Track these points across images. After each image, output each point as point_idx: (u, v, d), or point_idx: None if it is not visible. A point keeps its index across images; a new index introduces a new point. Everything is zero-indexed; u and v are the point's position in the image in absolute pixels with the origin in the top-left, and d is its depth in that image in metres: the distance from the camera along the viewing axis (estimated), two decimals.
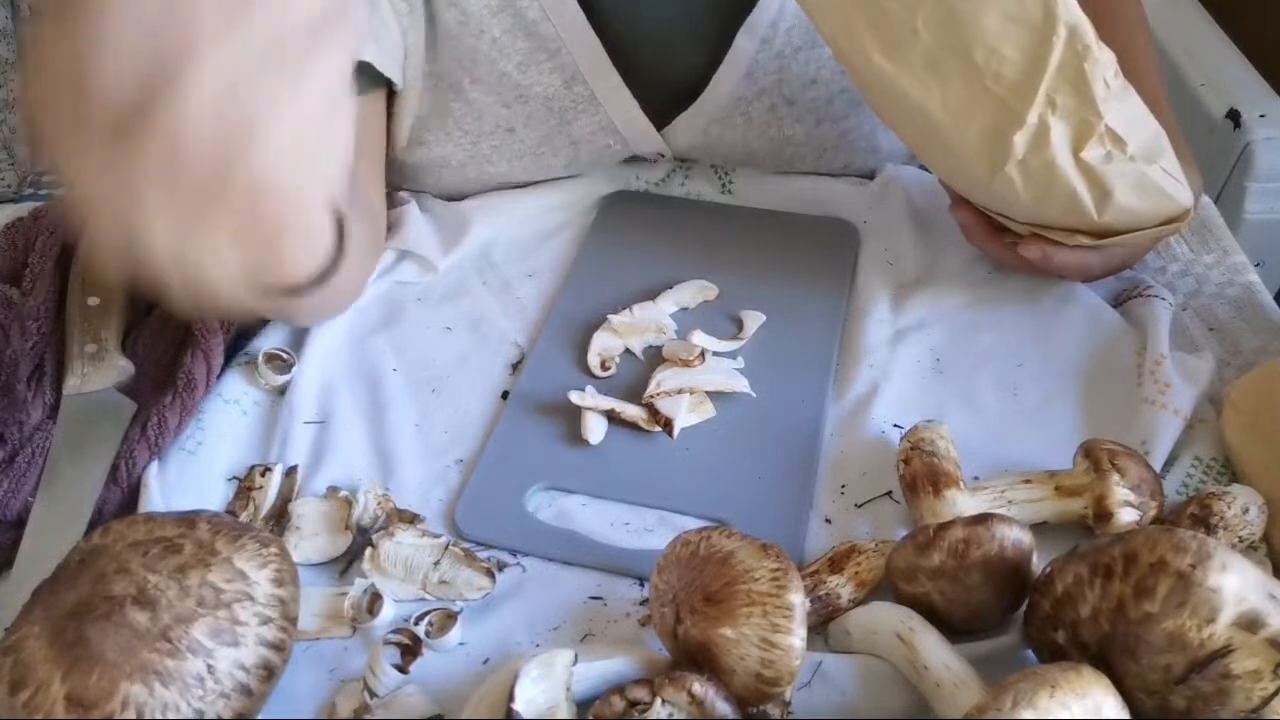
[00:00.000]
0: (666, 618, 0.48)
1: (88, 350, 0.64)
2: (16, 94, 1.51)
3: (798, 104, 0.76)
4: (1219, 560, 0.41)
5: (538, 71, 0.73)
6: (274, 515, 0.58)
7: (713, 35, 0.73)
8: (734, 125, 0.77)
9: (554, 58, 0.72)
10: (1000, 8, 0.56)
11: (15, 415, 0.61)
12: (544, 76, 0.73)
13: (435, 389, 0.67)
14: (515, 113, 0.75)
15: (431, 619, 0.53)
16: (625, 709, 0.45)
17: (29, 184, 1.52)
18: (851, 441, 0.62)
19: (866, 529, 0.57)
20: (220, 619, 0.47)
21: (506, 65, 0.72)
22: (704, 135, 0.78)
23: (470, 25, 0.70)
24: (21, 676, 0.44)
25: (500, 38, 0.71)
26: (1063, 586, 0.45)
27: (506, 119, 0.75)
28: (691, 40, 0.74)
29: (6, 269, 0.70)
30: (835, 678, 0.49)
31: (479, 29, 0.70)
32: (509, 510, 0.58)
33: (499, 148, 0.77)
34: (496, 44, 0.71)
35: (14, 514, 0.57)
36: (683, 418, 0.62)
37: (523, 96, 0.74)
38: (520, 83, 0.73)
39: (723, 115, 0.76)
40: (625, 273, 0.73)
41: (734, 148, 0.79)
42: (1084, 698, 0.40)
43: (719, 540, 0.48)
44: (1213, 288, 0.72)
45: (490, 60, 0.72)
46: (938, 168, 0.68)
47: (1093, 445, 0.55)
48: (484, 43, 0.71)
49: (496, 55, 0.72)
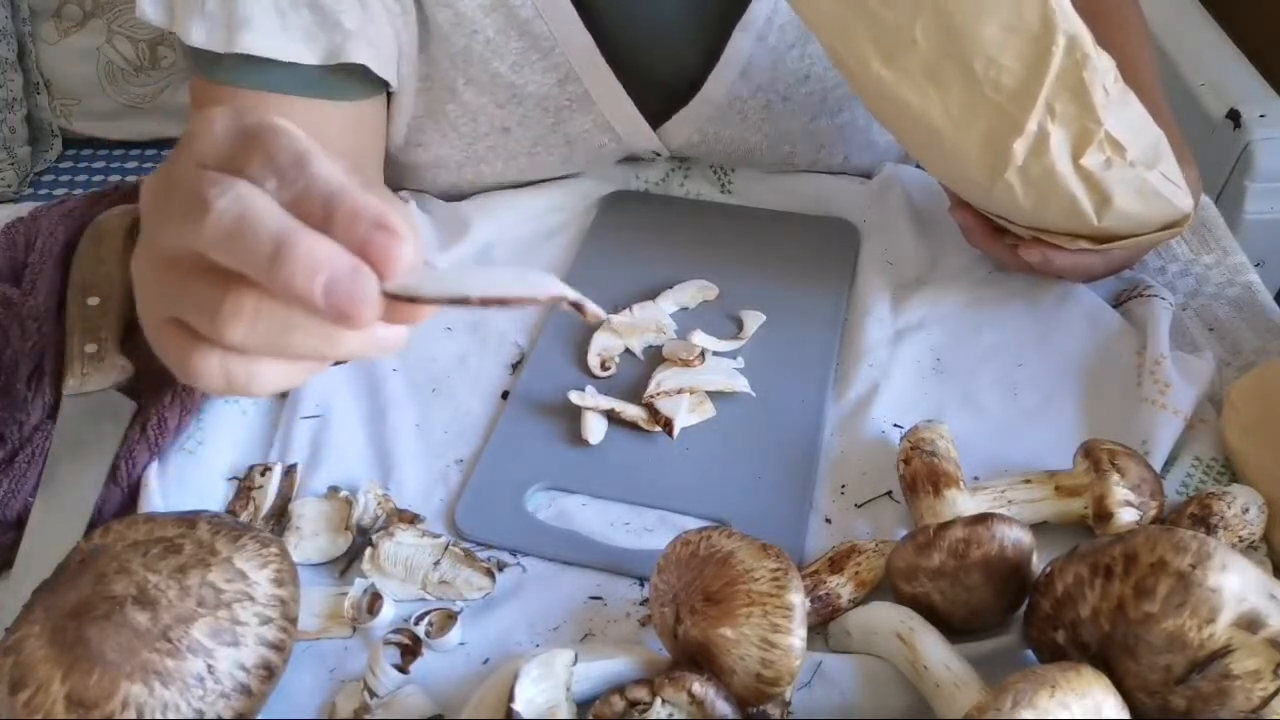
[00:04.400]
0: (666, 618, 0.48)
1: (88, 350, 0.64)
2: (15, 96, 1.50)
3: (792, 100, 0.76)
4: (1219, 560, 0.41)
5: (531, 71, 0.73)
6: (274, 515, 0.58)
7: (707, 32, 0.73)
8: (730, 123, 0.77)
9: (547, 57, 0.72)
10: (999, 18, 0.56)
11: (15, 415, 0.61)
12: (537, 75, 0.73)
13: (435, 389, 0.67)
14: (509, 112, 0.75)
15: (431, 619, 0.53)
16: (625, 709, 0.45)
17: (29, 184, 1.53)
18: (851, 441, 0.62)
19: (866, 529, 0.57)
20: (220, 619, 0.47)
21: (500, 65, 0.72)
22: (700, 134, 0.78)
23: (463, 25, 0.70)
24: (21, 676, 0.44)
25: (493, 37, 0.71)
26: (1063, 586, 0.45)
27: (501, 119, 0.75)
28: (686, 38, 0.74)
29: (6, 269, 0.70)
30: (835, 678, 0.49)
31: (472, 29, 0.70)
32: (509, 510, 0.58)
33: (494, 148, 0.77)
34: (490, 44, 0.71)
35: (14, 514, 0.57)
36: (683, 418, 0.62)
37: (516, 96, 0.74)
38: (514, 82, 0.73)
39: (718, 114, 0.76)
40: (625, 273, 0.73)
41: (730, 145, 0.79)
42: (1084, 698, 0.40)
43: (719, 540, 0.48)
44: (1213, 288, 0.72)
45: (484, 60, 0.71)
46: (939, 173, 0.68)
47: (1093, 445, 0.55)
48: (477, 42, 0.71)
49: (490, 55, 0.71)
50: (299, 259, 0.32)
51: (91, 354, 0.64)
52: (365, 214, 0.33)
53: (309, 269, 0.32)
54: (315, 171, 0.34)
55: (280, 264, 0.32)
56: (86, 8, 1.50)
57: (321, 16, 0.64)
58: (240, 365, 0.36)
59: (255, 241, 0.32)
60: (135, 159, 1.58)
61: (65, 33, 1.51)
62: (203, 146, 0.36)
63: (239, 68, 0.65)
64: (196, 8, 0.64)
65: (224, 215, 0.33)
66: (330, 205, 0.33)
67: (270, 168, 0.34)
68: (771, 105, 0.76)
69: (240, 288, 0.34)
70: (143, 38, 1.50)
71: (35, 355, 0.64)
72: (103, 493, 0.58)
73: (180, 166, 0.35)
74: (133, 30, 1.49)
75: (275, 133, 0.35)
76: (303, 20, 0.64)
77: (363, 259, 0.33)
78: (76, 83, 1.53)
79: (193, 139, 0.36)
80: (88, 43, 1.51)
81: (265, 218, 0.33)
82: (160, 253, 0.36)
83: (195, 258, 0.34)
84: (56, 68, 1.52)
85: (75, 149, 1.60)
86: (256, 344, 0.35)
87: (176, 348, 0.36)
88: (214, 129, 0.36)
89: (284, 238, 0.32)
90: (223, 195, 0.33)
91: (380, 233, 0.33)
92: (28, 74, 1.51)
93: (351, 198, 0.33)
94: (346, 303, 0.32)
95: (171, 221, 0.35)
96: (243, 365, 0.36)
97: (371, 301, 0.33)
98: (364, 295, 0.33)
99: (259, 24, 0.63)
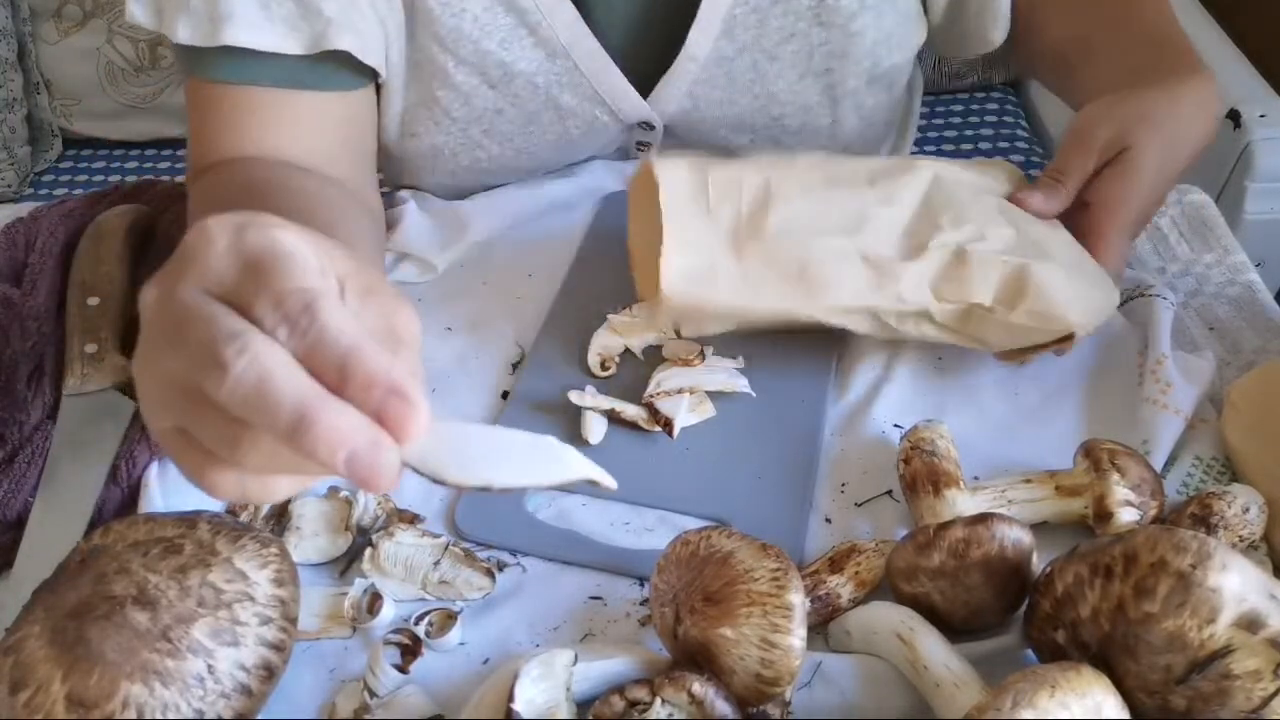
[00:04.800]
0: (666, 618, 0.48)
1: (88, 350, 0.64)
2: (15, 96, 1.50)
3: (780, 59, 0.76)
4: (1219, 560, 0.41)
5: (520, 47, 0.73)
6: (274, 515, 0.58)
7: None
8: (717, 84, 0.77)
9: (535, 32, 0.72)
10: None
11: (15, 415, 0.61)
12: (527, 52, 0.73)
13: (435, 389, 0.67)
14: (501, 92, 0.75)
15: (431, 619, 0.53)
16: (625, 709, 0.45)
17: (29, 184, 1.53)
18: (852, 441, 0.62)
19: (866, 529, 0.57)
20: (220, 619, 0.47)
21: (489, 43, 0.72)
22: (690, 98, 0.78)
23: (451, 4, 0.70)
24: (22, 676, 0.44)
25: (481, 15, 0.71)
26: (1063, 586, 0.45)
27: (494, 100, 0.75)
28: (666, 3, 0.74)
29: (6, 269, 0.70)
30: (835, 678, 0.49)
31: (460, 7, 0.70)
32: (509, 510, 0.58)
33: (489, 131, 0.77)
34: (478, 21, 0.71)
35: (14, 514, 0.57)
36: (683, 417, 0.62)
37: (508, 74, 0.74)
38: (504, 60, 0.73)
39: (706, 74, 0.76)
40: (625, 272, 0.73)
41: (720, 108, 0.78)
42: (1084, 698, 0.40)
43: (719, 540, 0.48)
44: (1213, 287, 0.72)
45: (473, 39, 0.72)
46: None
47: (1093, 445, 0.55)
48: (465, 21, 0.71)
49: (479, 34, 0.71)
50: (320, 434, 0.33)
51: (91, 354, 0.64)
52: (380, 380, 0.34)
53: (331, 444, 0.33)
54: (325, 323, 0.34)
55: (302, 435, 0.33)
56: (86, 8, 1.50)
57: (303, 6, 0.65)
58: (257, 483, 0.37)
59: (277, 409, 0.33)
60: (135, 159, 1.58)
61: (65, 33, 1.51)
62: (206, 270, 0.36)
63: (226, 63, 0.66)
64: (182, 5, 0.64)
65: (243, 379, 0.33)
66: (345, 367, 0.34)
67: (280, 314, 0.34)
68: (759, 65, 0.76)
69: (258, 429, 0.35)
70: (143, 38, 1.50)
71: (35, 355, 0.64)
72: (103, 493, 0.58)
73: (185, 291, 0.35)
74: (133, 30, 1.49)
75: (280, 267, 0.35)
76: (285, 11, 0.65)
77: (379, 422, 0.34)
78: (76, 83, 1.53)
79: (195, 256, 0.36)
80: (88, 43, 1.51)
81: (284, 386, 0.33)
82: (169, 377, 0.36)
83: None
84: (56, 68, 1.52)
85: (75, 149, 1.60)
86: (275, 469, 0.36)
87: (190, 461, 0.37)
88: (216, 248, 0.36)
89: (304, 410, 0.33)
90: (240, 356, 0.33)
91: (395, 400, 0.34)
92: (28, 74, 1.51)
93: (365, 362, 0.34)
94: (369, 474, 0.33)
95: (182, 363, 0.35)
96: (259, 483, 0.37)
97: (392, 472, 0.34)
98: (385, 468, 0.34)
99: (242, 17, 0.64)
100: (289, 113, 0.69)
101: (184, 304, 0.35)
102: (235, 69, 0.66)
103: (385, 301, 0.38)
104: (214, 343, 0.34)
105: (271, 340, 0.34)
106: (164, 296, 0.36)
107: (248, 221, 0.37)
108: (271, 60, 0.66)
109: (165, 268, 0.37)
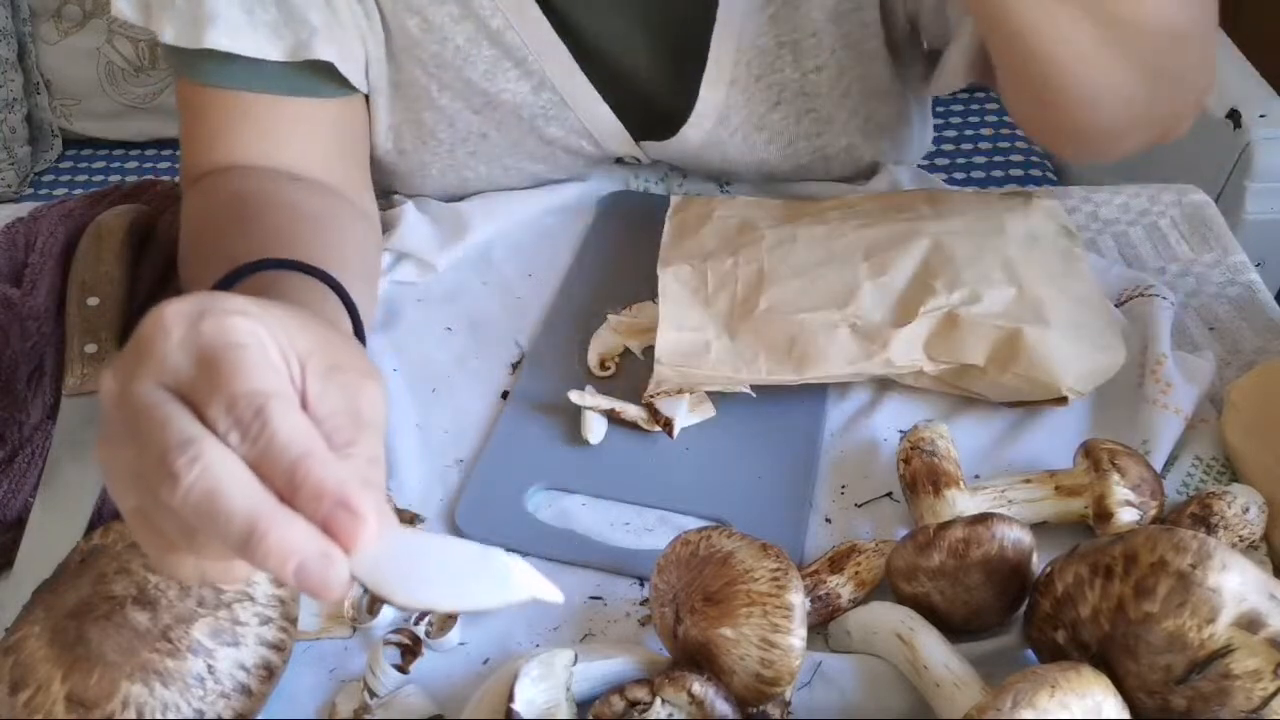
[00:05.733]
0: (666, 618, 0.48)
1: (88, 350, 0.64)
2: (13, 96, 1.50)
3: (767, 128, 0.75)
4: (1219, 560, 0.41)
5: (504, 79, 0.72)
6: None
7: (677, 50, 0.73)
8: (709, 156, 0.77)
9: (520, 65, 0.71)
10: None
11: (15, 415, 0.61)
12: (511, 84, 0.72)
13: (435, 389, 0.67)
14: (486, 118, 0.74)
15: (431, 619, 0.53)
16: (625, 709, 0.45)
17: (29, 184, 1.53)
18: (852, 441, 0.62)
19: (867, 529, 0.57)
20: (220, 619, 0.47)
21: (472, 73, 0.71)
22: (680, 160, 0.79)
23: (433, 32, 0.69)
24: (22, 676, 0.44)
25: (463, 45, 0.70)
26: (1063, 586, 0.45)
27: (478, 125, 0.74)
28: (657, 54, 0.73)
29: (6, 269, 0.70)
30: (835, 678, 0.49)
31: (442, 35, 0.70)
32: (509, 510, 0.58)
33: (475, 153, 0.76)
34: (460, 51, 0.70)
35: (14, 514, 0.57)
36: (683, 418, 0.62)
37: (491, 103, 0.73)
38: (487, 90, 0.72)
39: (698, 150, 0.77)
40: (625, 272, 0.73)
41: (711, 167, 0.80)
42: (1084, 698, 0.40)
43: (719, 540, 0.48)
44: (1213, 287, 0.72)
45: (455, 67, 0.71)
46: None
47: (1093, 445, 0.55)
48: (448, 50, 0.70)
49: (461, 63, 0.71)
50: (270, 547, 0.33)
51: (91, 354, 0.64)
52: (328, 491, 0.34)
53: (281, 556, 0.33)
54: (275, 429, 0.34)
55: (254, 549, 0.33)
56: (86, 8, 1.50)
57: (288, 13, 0.64)
58: (216, 568, 0.38)
59: (227, 522, 0.33)
60: (135, 159, 1.58)
61: (65, 33, 1.51)
62: (162, 364, 0.36)
63: (213, 67, 0.65)
64: (168, 4, 0.64)
65: (193, 490, 0.33)
66: (293, 478, 0.34)
67: (232, 418, 0.34)
68: (749, 138, 0.76)
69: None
70: (143, 38, 1.50)
71: (35, 355, 0.64)
72: (102, 493, 0.58)
73: (140, 386, 0.36)
74: (133, 30, 1.50)
75: (235, 362, 0.35)
76: (269, 16, 0.64)
77: (326, 532, 0.34)
78: (76, 83, 1.53)
79: (150, 349, 0.36)
80: (88, 43, 1.51)
81: (235, 498, 0.33)
82: (129, 468, 0.36)
83: None
84: (56, 68, 1.52)
85: (75, 149, 1.60)
86: (233, 556, 0.36)
87: (152, 545, 0.37)
88: (171, 341, 0.36)
89: (255, 523, 0.33)
90: (191, 466, 0.33)
91: (343, 513, 0.34)
92: (28, 74, 1.52)
93: (313, 471, 0.34)
94: (318, 586, 0.34)
95: (139, 461, 0.35)
96: (219, 568, 0.38)
97: (341, 584, 0.34)
98: (334, 581, 0.34)
99: (225, 20, 0.63)
100: (281, 119, 0.68)
101: (140, 401, 0.35)
102: (223, 74, 0.65)
103: (350, 380, 0.38)
104: (166, 450, 0.34)
105: (224, 447, 0.34)
106: (120, 391, 0.36)
107: (205, 309, 0.37)
108: (258, 66, 0.65)
109: (122, 356, 0.37)
